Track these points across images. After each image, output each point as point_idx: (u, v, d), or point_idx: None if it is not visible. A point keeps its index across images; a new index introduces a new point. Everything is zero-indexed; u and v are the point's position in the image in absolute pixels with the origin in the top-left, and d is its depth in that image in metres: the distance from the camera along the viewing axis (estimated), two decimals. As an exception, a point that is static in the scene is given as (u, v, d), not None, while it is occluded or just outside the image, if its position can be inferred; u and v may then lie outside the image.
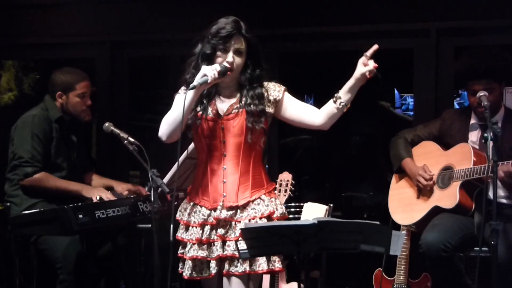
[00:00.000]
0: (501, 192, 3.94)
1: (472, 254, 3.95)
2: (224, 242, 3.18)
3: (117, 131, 3.93)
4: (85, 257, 4.14)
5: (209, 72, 3.11)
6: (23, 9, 5.60)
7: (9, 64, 6.19)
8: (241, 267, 3.14)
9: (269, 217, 3.19)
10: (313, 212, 4.05)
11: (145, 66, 5.93)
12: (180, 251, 3.28)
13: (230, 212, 3.19)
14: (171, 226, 3.19)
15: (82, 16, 5.52)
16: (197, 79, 3.11)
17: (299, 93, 6.18)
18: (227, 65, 3.15)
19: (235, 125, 3.20)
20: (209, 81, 3.11)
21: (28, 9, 5.59)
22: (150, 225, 3.59)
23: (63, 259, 4.04)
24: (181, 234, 3.27)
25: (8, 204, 4.20)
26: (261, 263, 3.16)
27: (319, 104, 3.25)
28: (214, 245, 3.19)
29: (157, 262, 3.29)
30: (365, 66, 3.15)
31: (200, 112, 3.23)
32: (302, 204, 4.14)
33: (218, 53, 3.18)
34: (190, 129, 3.26)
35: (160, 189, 3.35)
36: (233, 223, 3.18)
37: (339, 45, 5.22)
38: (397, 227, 4.21)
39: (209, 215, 3.21)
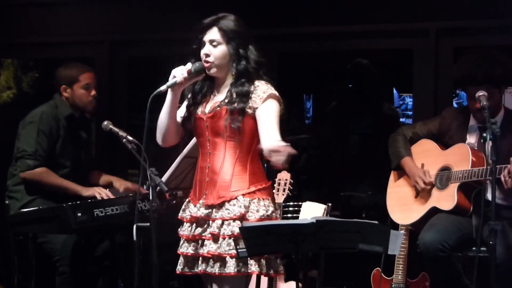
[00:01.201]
0: (498, 193, 3.93)
1: (471, 254, 3.96)
2: (203, 241, 3.19)
3: (116, 129, 3.94)
4: (83, 247, 4.16)
5: (177, 72, 3.15)
6: (22, 8, 5.61)
7: (8, 63, 6.19)
8: (212, 269, 3.14)
9: (242, 219, 3.13)
10: (312, 211, 4.05)
11: (144, 65, 5.93)
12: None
13: (207, 211, 3.19)
14: (134, 227, 3.20)
15: (82, 15, 5.52)
16: (168, 82, 3.14)
17: (299, 93, 6.22)
18: (203, 60, 3.16)
19: (216, 124, 3.20)
20: (178, 81, 3.13)
21: (28, 8, 5.60)
22: (148, 224, 3.59)
23: (62, 251, 4.06)
24: (180, 229, 3.31)
25: (7, 202, 4.21)
26: (229, 266, 3.11)
27: (319, 104, 3.24)
28: (199, 242, 3.21)
29: (155, 261, 3.30)
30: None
31: (193, 110, 3.26)
32: (300, 203, 4.14)
33: (201, 48, 3.21)
34: (186, 127, 3.28)
35: (158, 187, 3.35)
36: (210, 222, 3.19)
37: (338, 45, 5.22)
38: (396, 226, 4.21)
39: (195, 212, 3.24)
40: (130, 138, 3.81)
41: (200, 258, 3.20)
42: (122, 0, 5.46)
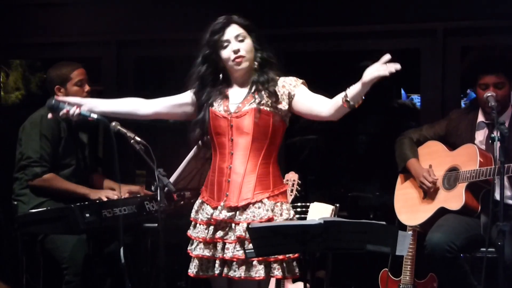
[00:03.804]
0: (507, 193, 3.93)
1: (478, 255, 3.95)
2: (224, 244, 3.14)
3: (124, 130, 3.93)
4: (92, 259, 4.15)
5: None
6: (30, 8, 5.62)
7: (17, 64, 6.21)
8: (237, 273, 3.10)
9: (270, 222, 3.10)
10: (319, 212, 4.04)
11: (151, 65, 5.93)
12: (189, 247, 3.25)
13: (230, 214, 3.13)
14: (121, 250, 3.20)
15: (89, 15, 5.53)
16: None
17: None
18: (233, 57, 3.12)
19: (244, 124, 3.14)
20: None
21: (35, 9, 5.61)
22: (156, 225, 3.59)
23: (70, 260, 4.04)
24: (190, 231, 3.25)
25: (16, 203, 4.22)
26: (259, 270, 3.09)
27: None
28: (218, 245, 3.16)
29: (163, 262, 3.30)
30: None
31: (212, 108, 3.19)
32: (308, 204, 4.13)
33: (221, 50, 3.15)
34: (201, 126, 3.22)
35: (166, 188, 3.35)
36: (233, 225, 3.13)
37: (345, 45, 5.22)
38: (403, 227, 4.20)
39: (212, 214, 3.17)
40: (138, 138, 3.80)
41: (218, 261, 3.15)
42: (129, 0, 5.47)
